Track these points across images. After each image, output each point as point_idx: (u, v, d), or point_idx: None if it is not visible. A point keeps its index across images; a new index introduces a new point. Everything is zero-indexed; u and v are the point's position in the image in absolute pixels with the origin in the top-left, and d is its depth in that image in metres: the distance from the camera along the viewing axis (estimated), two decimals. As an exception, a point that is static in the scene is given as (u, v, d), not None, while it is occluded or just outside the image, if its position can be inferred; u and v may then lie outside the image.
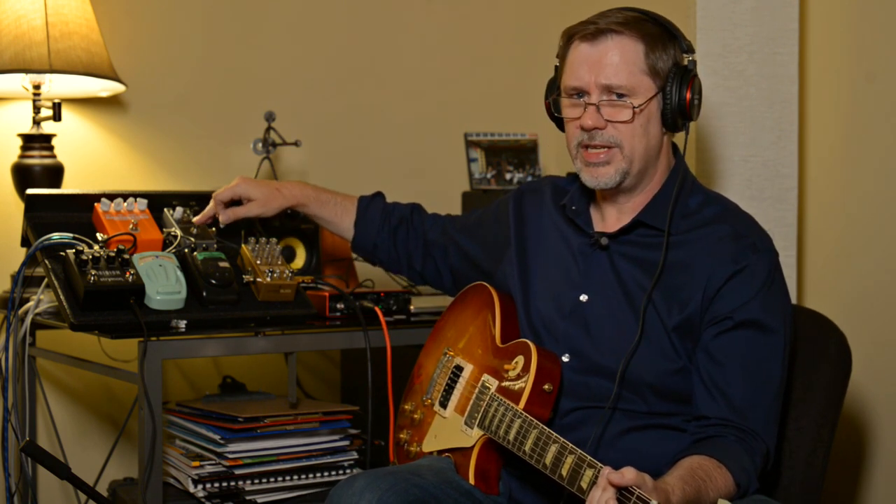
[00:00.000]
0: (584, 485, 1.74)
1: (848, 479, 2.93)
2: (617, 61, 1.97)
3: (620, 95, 1.98)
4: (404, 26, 3.34)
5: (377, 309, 2.49)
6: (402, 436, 2.23)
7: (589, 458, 1.76)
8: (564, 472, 1.78)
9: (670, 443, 1.97)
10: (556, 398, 1.99)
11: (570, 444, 1.80)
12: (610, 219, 2.09)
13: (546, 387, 1.97)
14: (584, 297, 2.04)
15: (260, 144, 2.92)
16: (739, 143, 2.87)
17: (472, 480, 2.00)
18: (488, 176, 3.14)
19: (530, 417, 1.90)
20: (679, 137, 2.09)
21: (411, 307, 2.59)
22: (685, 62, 2.02)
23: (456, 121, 3.30)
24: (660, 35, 2.00)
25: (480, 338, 2.15)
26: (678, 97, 1.98)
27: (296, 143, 2.95)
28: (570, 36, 2.03)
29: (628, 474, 1.66)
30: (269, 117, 2.90)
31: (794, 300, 2.89)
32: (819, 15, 3.03)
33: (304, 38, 3.21)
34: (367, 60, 3.29)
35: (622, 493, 1.66)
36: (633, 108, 1.97)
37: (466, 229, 2.38)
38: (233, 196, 2.44)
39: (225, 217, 2.45)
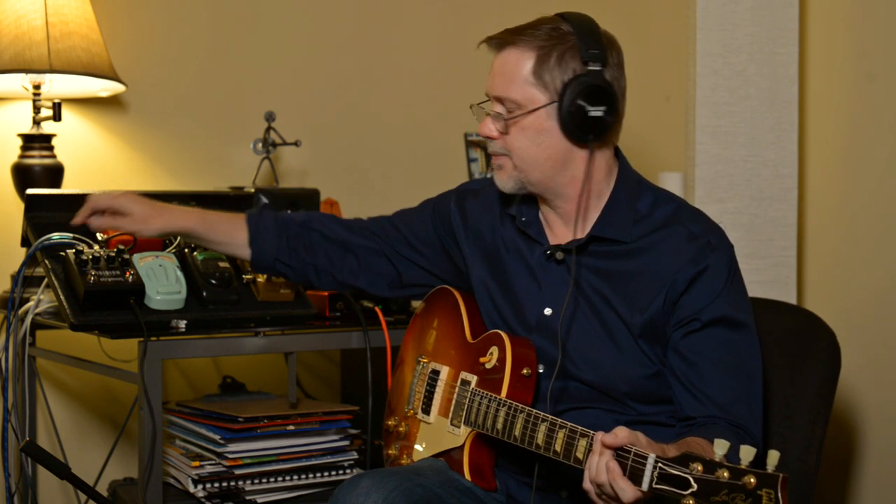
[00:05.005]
0: (579, 455, 1.75)
1: (838, 482, 2.94)
2: (504, 73, 1.97)
3: (510, 107, 1.97)
4: (404, 26, 3.34)
5: (377, 309, 2.49)
6: (391, 452, 2.22)
7: (581, 428, 1.76)
8: (558, 447, 1.79)
9: (660, 437, 1.96)
10: (535, 382, 1.99)
11: (560, 419, 1.80)
12: (557, 227, 2.06)
13: (525, 371, 1.97)
14: (548, 311, 2.02)
15: (260, 144, 2.92)
16: (739, 143, 2.87)
17: (468, 477, 2.00)
18: (488, 176, 3.14)
19: (515, 403, 1.91)
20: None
21: (411, 307, 2.59)
22: (587, 72, 1.94)
23: (456, 121, 3.29)
24: (559, 46, 1.95)
25: (451, 339, 2.15)
26: (570, 109, 1.93)
27: (296, 143, 2.95)
28: (486, 43, 2.03)
29: (620, 433, 1.66)
30: (269, 117, 2.90)
31: (794, 300, 2.90)
32: (819, 15, 3.03)
33: (304, 39, 3.21)
34: (367, 60, 3.29)
35: (619, 452, 1.66)
36: (505, 120, 1.97)
37: (414, 239, 2.28)
38: (110, 205, 2.24)
39: (97, 224, 2.25)
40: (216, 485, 2.47)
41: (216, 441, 2.49)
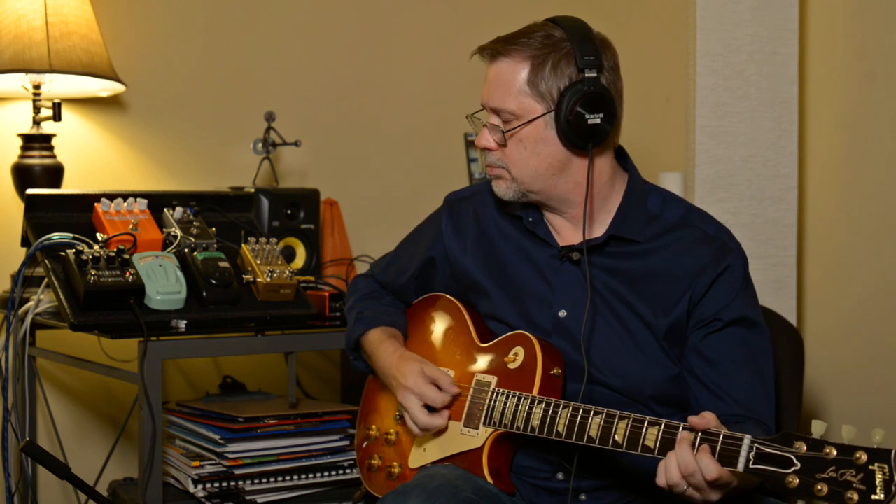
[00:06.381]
0: (649, 444, 1.73)
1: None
2: (499, 83, 1.96)
3: (506, 118, 1.96)
4: (405, 26, 3.34)
5: (377, 309, 2.49)
6: (373, 462, 2.17)
7: (647, 417, 1.75)
8: (619, 438, 1.76)
9: None
10: (563, 383, 1.97)
11: (618, 412, 1.78)
12: (564, 229, 2.05)
13: (554, 371, 1.95)
14: (563, 313, 2.00)
15: (260, 144, 2.92)
16: (739, 143, 2.87)
17: (489, 479, 1.98)
18: (488, 176, 3.14)
19: (555, 399, 1.88)
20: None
21: (411, 307, 2.58)
22: (583, 79, 1.93)
23: (456, 121, 3.29)
24: (553, 54, 1.93)
25: (454, 342, 2.12)
26: (568, 117, 1.92)
27: (296, 143, 2.96)
28: (479, 53, 2.02)
29: (709, 415, 1.67)
30: (269, 117, 2.90)
31: (793, 300, 2.90)
32: (819, 15, 3.03)
33: (304, 38, 3.21)
34: (367, 60, 3.29)
35: (704, 435, 1.66)
36: (503, 132, 1.96)
37: (418, 275, 2.27)
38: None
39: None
40: (216, 485, 2.47)
41: (216, 441, 2.49)
